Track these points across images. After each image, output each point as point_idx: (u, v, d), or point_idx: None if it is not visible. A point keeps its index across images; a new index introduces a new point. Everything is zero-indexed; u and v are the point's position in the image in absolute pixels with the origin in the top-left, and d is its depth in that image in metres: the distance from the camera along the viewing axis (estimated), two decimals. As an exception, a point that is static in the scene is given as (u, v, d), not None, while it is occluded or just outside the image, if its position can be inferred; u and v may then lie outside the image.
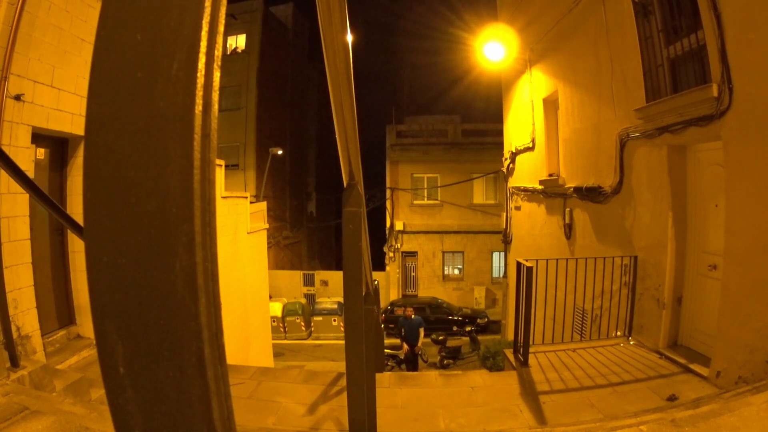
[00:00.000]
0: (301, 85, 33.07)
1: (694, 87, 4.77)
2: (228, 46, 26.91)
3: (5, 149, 3.92)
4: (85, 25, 5.17)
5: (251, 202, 11.82)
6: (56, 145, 5.39)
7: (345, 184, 1.69)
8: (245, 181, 25.16)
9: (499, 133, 13.46)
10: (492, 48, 9.55)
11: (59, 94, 4.97)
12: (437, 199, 23.73)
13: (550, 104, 8.76)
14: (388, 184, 25.03)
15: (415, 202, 24.06)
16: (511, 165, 11.41)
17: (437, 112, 29.74)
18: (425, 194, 24.06)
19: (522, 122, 10.38)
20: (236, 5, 27.07)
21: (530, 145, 9.63)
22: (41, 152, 5.14)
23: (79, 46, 5.12)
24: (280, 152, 24.04)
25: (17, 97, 4.41)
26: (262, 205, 13.04)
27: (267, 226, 12.79)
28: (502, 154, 12.47)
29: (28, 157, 4.64)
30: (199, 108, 0.38)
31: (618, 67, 6.23)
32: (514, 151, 10.98)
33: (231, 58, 26.28)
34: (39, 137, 4.90)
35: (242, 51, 26.97)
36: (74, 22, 5.07)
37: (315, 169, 35.57)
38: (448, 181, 23.20)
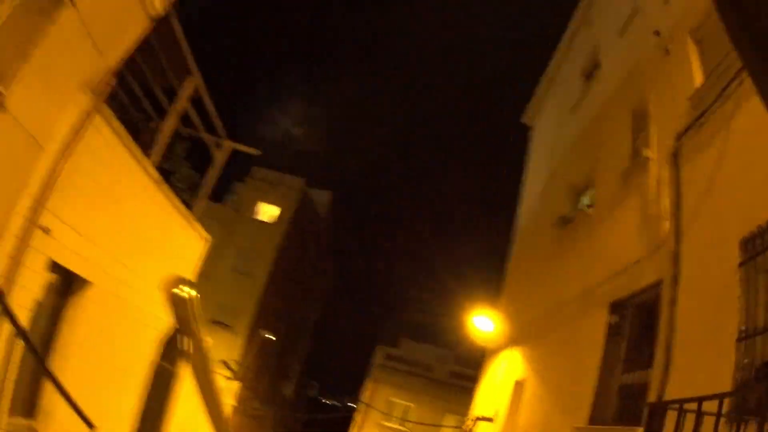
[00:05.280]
0: (315, 273, 33.67)
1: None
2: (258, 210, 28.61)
3: (25, 271, 4.52)
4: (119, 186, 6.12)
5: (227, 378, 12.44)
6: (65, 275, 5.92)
7: None
8: (234, 346, 24.45)
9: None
10: (481, 321, 10.50)
11: (77, 236, 5.53)
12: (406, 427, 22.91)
13: (519, 386, 9.02)
14: (364, 399, 24.46)
15: (385, 423, 23.20)
16: (472, 429, 11.24)
17: (433, 339, 29.56)
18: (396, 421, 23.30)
19: (491, 393, 10.55)
20: (277, 175, 28.75)
21: (492, 418, 9.65)
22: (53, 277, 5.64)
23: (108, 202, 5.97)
24: (273, 338, 23.52)
25: (44, 230, 5.00)
26: (235, 386, 13.72)
27: (234, 404, 13.27)
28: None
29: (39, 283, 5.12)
30: None
31: (576, 379, 6.50)
32: (477, 416, 10.95)
33: (259, 225, 27.50)
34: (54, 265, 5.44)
35: (272, 222, 28.07)
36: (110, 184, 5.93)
37: (303, 357, 34.88)
38: (422, 410, 22.76)
